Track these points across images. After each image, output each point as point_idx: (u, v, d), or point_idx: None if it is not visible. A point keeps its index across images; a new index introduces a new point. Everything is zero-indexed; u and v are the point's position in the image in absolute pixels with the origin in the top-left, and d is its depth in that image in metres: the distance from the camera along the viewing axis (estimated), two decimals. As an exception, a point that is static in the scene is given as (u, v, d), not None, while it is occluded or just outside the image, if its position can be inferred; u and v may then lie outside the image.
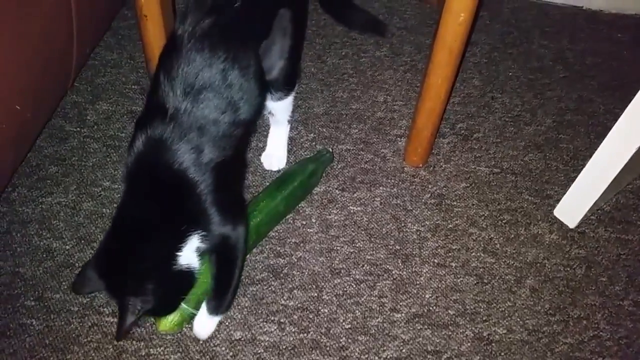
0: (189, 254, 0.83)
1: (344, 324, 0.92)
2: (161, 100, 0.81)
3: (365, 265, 0.99)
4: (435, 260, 1.00)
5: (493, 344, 0.91)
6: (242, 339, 0.89)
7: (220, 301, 0.87)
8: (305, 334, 0.90)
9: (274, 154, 1.11)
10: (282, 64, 0.93)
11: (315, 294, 0.95)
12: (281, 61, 0.92)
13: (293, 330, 0.91)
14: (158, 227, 0.81)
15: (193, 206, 0.82)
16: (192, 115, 0.80)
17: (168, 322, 0.86)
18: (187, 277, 0.84)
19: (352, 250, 1.01)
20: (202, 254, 0.85)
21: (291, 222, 1.03)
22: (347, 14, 1.25)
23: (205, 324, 0.88)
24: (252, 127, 0.94)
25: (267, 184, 1.04)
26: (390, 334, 0.91)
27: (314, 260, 0.99)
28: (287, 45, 0.92)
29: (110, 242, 0.82)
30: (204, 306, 0.87)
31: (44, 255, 0.96)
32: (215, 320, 0.89)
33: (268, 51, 0.90)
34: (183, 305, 0.85)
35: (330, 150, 1.11)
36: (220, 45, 0.82)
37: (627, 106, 0.88)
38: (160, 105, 0.81)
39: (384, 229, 1.04)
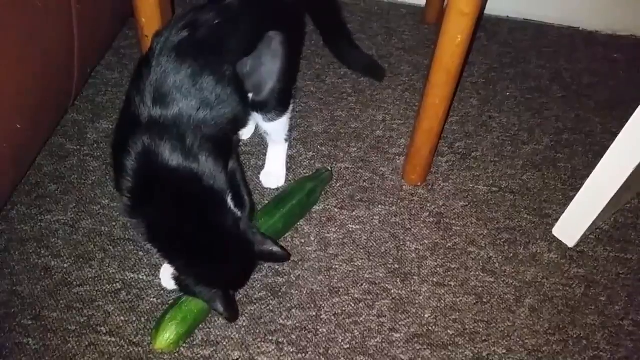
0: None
1: (342, 344, 0.91)
2: (135, 113, 0.83)
3: (364, 284, 0.99)
4: (434, 280, 1.00)
5: (493, 365, 0.91)
6: (240, 359, 0.88)
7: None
8: (303, 354, 0.90)
9: (273, 172, 1.11)
10: (272, 86, 0.94)
11: (314, 313, 0.94)
12: (271, 83, 0.93)
13: (291, 350, 0.90)
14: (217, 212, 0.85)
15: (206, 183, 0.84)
16: (166, 118, 0.82)
17: (164, 340, 0.86)
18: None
19: (350, 269, 1.00)
20: None
21: (290, 240, 1.03)
22: (349, 55, 1.28)
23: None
24: (234, 127, 0.96)
25: (266, 202, 1.04)
26: (389, 354, 0.91)
27: (312, 279, 0.98)
28: (277, 68, 0.93)
29: (198, 255, 0.84)
30: None
31: (42, 274, 0.95)
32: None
33: (255, 71, 0.91)
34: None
35: (329, 168, 1.12)
36: (189, 54, 0.83)
37: (624, 125, 0.88)
38: (136, 118, 0.82)
39: (382, 248, 1.04)
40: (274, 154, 1.11)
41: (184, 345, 0.89)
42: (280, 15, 0.97)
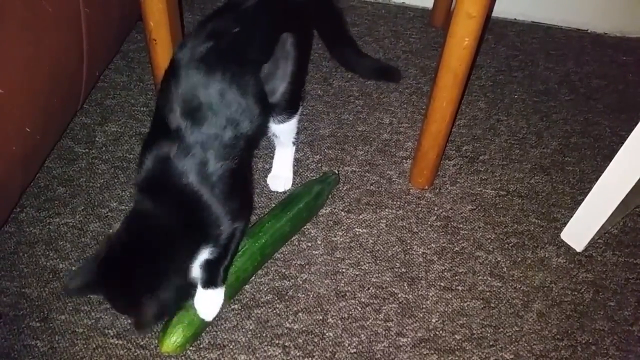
0: (196, 266, 0.85)
1: (349, 348, 0.91)
2: (164, 121, 0.84)
3: (371, 288, 0.98)
4: (442, 284, 1.00)
5: (500, 370, 0.90)
6: (247, 363, 0.89)
7: (211, 275, 0.87)
8: (310, 359, 0.89)
9: (280, 176, 1.11)
10: (284, 88, 0.94)
11: (321, 317, 0.94)
12: (283, 85, 0.94)
13: (298, 354, 0.90)
14: (174, 241, 0.82)
15: (203, 219, 0.84)
16: (194, 132, 0.82)
17: (171, 343, 0.86)
18: (190, 289, 0.86)
19: (357, 273, 1.00)
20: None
21: (296, 243, 1.03)
22: (359, 64, 1.28)
23: (205, 302, 0.88)
24: (255, 142, 0.96)
25: (273, 205, 1.04)
26: (396, 359, 0.90)
27: (319, 283, 0.98)
28: (289, 70, 0.94)
29: (121, 249, 0.81)
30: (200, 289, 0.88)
31: (50, 276, 0.96)
32: (213, 295, 0.88)
33: (270, 75, 0.92)
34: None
35: (336, 172, 1.12)
36: (218, 67, 0.84)
37: (633, 128, 0.88)
38: (163, 125, 0.84)
39: (389, 252, 1.03)
40: (281, 157, 1.11)
41: (191, 348, 0.89)
42: (290, 16, 0.98)
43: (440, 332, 0.94)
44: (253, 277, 0.97)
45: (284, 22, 0.95)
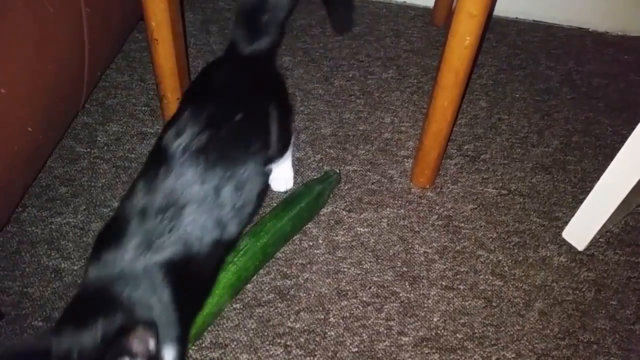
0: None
1: (350, 347, 0.91)
2: (136, 209, 0.74)
3: (373, 287, 0.98)
4: (443, 283, 1.00)
5: (502, 369, 0.90)
6: (248, 362, 0.89)
7: None
8: (311, 357, 0.90)
9: (281, 175, 1.11)
10: (276, 141, 0.92)
11: (322, 316, 0.94)
12: (275, 139, 0.91)
13: (299, 353, 0.90)
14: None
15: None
16: (170, 230, 0.73)
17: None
18: None
19: (359, 272, 1.00)
20: None
21: (298, 243, 1.03)
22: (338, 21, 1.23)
23: None
24: (233, 246, 0.88)
25: (274, 204, 1.05)
26: (397, 358, 0.90)
27: (320, 282, 0.98)
28: (276, 127, 0.91)
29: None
30: None
31: (53, 276, 0.96)
32: None
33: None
34: None
35: (337, 171, 1.12)
36: (218, 162, 0.78)
37: (634, 127, 0.88)
38: (134, 213, 0.74)
39: (391, 251, 1.03)
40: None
41: (193, 347, 0.89)
42: (272, 79, 0.99)
43: (442, 331, 0.94)
44: (254, 277, 0.97)
45: (269, 90, 0.94)
